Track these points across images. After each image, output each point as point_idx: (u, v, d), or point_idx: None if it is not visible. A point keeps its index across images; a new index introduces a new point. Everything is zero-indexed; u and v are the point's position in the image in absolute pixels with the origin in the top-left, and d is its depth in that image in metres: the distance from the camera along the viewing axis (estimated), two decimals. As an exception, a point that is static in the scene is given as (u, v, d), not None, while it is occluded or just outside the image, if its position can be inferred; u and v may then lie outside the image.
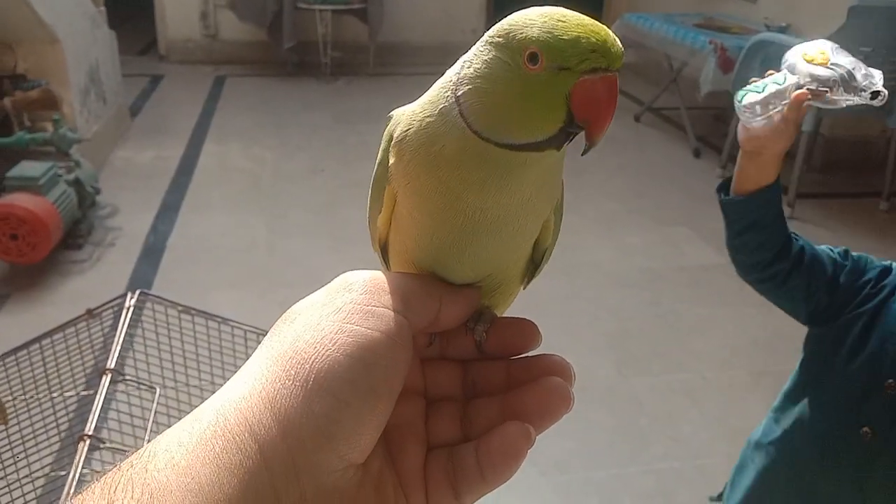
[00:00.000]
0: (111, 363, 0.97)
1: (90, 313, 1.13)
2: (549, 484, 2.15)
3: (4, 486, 1.14)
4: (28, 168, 2.88)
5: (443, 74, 0.38)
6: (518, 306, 0.44)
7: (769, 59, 4.00)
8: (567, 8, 0.35)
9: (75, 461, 0.82)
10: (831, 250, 1.14)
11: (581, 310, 2.89)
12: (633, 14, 5.12)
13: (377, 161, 0.40)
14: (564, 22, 0.33)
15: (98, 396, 0.91)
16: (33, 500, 1.10)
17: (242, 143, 4.43)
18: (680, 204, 3.87)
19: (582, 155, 0.37)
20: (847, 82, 1.02)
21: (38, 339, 1.15)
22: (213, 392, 0.96)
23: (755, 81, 1.09)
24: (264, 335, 1.00)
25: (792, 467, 1.13)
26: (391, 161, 0.38)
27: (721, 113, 5.00)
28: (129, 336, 1.10)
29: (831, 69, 1.03)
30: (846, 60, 1.04)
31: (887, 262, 1.11)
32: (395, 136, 0.38)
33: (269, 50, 5.84)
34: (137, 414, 1.03)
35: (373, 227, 0.42)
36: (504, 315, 0.41)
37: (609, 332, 2.80)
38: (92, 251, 3.13)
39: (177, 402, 1.10)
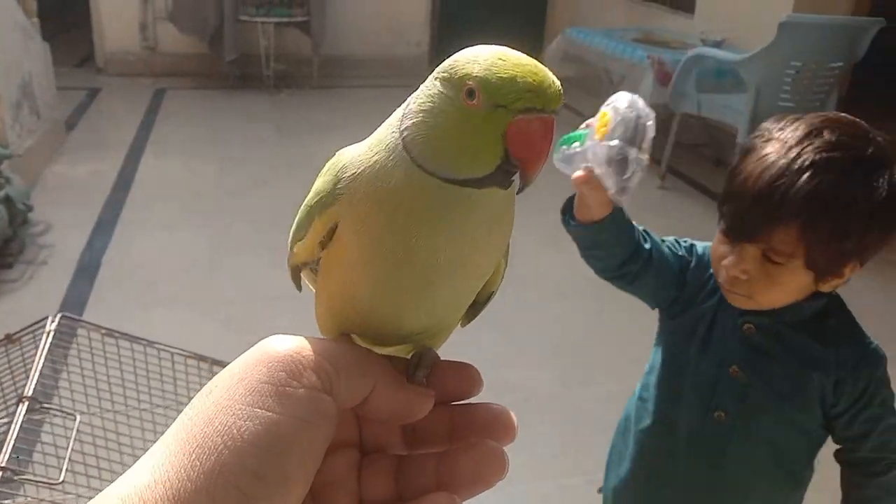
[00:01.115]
0: (29, 390, 0.94)
1: (9, 338, 1.09)
2: (494, 495, 2.13)
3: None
4: (-46, 185, 2.78)
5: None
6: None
7: (705, 72, 4.11)
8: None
9: (-13, 495, 0.79)
10: (678, 244, 1.19)
11: (525, 321, 2.90)
12: (574, 28, 5.20)
13: (315, 189, 0.39)
14: (504, 61, 0.34)
15: (14, 425, 0.88)
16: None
17: (183, 156, 4.36)
18: (621, 215, 3.93)
19: (517, 193, 0.37)
20: (618, 160, 0.99)
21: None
22: (140, 418, 0.93)
23: (583, 127, 1.06)
24: (192, 358, 0.98)
25: (664, 451, 1.20)
26: (340, 200, 0.37)
27: (659, 126, 5.10)
28: (51, 361, 1.06)
29: (604, 146, 1.00)
30: (626, 125, 1.00)
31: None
32: (346, 176, 0.37)
33: (210, 62, 5.76)
34: (61, 444, 0.99)
35: (290, 251, 0.41)
36: (444, 359, 0.40)
37: (553, 343, 2.82)
38: (24, 270, 3.03)
39: (102, 430, 1.07)
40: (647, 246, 1.15)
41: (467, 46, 0.36)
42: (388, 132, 0.37)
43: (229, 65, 5.53)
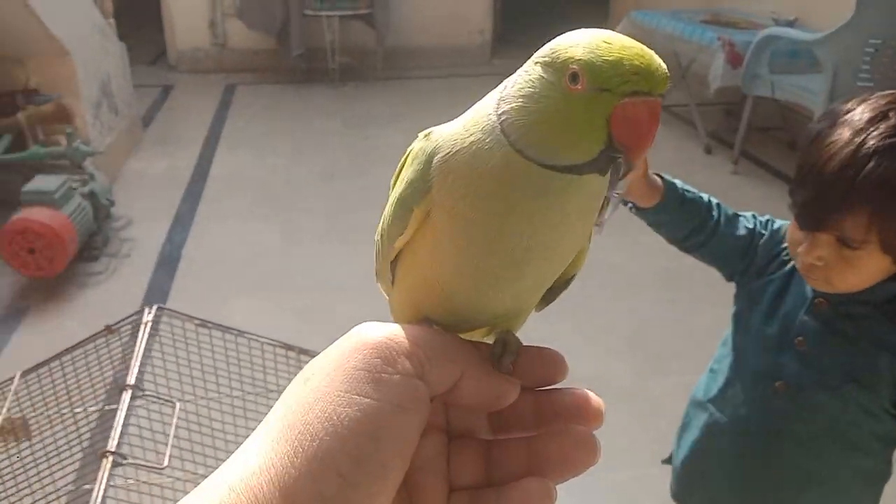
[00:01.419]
0: (131, 379, 0.98)
1: (109, 329, 1.14)
2: (567, 485, 2.14)
3: (29, 502, 1.16)
4: (43, 182, 2.91)
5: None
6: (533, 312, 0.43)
7: (778, 52, 3.98)
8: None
9: (99, 478, 0.83)
10: (753, 218, 1.23)
11: (598, 312, 2.88)
12: (639, 12, 5.10)
13: (405, 179, 0.38)
14: (609, 44, 0.33)
15: (119, 412, 0.92)
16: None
17: (254, 150, 4.45)
18: (693, 201, 3.85)
19: (619, 179, 0.36)
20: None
21: (58, 356, 1.16)
22: (232, 405, 0.96)
23: None
24: (281, 347, 1.01)
25: (729, 422, 1.20)
26: (434, 183, 0.36)
27: (732, 108, 4.98)
28: (147, 351, 1.11)
29: None
30: None
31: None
32: (439, 156, 0.36)
33: (277, 57, 5.86)
34: (158, 429, 1.03)
35: (387, 246, 0.40)
36: (528, 344, 0.40)
37: (626, 334, 2.80)
38: (108, 263, 3.15)
39: (196, 417, 1.11)
40: (714, 219, 1.20)
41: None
42: (483, 114, 0.36)
43: (296, 59, 5.62)
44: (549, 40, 0.36)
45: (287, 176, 4.13)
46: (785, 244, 1.15)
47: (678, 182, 1.22)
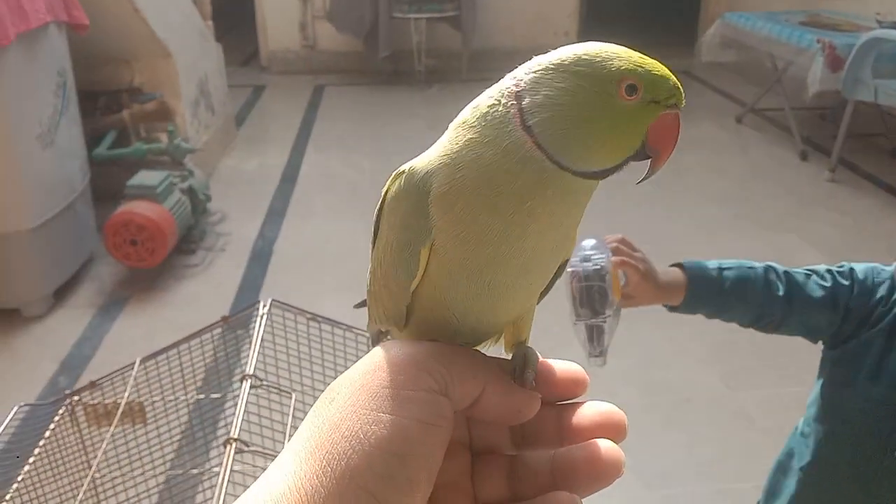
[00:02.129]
0: (250, 369, 1.02)
1: (225, 320, 1.18)
2: (653, 496, 2.11)
3: (143, 487, 1.21)
4: (146, 177, 3.04)
5: None
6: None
7: (883, 56, 3.82)
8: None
9: (224, 463, 0.87)
10: (830, 275, 1.09)
11: (686, 320, 2.81)
12: (733, 13, 4.98)
13: (398, 224, 0.38)
14: (646, 59, 0.36)
15: (241, 401, 0.96)
16: (172, 500, 1.17)
17: (342, 151, 4.55)
18: (787, 209, 3.73)
19: (637, 183, 0.39)
20: (594, 332, 1.06)
21: (176, 344, 1.22)
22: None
23: None
24: None
25: (826, 492, 1.09)
26: (435, 213, 0.36)
27: (829, 113, 4.80)
28: (261, 341, 1.15)
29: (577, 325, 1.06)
30: (586, 298, 1.05)
31: (889, 268, 1.07)
32: (437, 185, 0.36)
33: (364, 59, 5.97)
34: (277, 418, 1.07)
35: (400, 293, 0.40)
36: (549, 359, 0.40)
37: (714, 343, 2.73)
38: (204, 256, 3.27)
39: (308, 408, 1.14)
40: (782, 293, 1.07)
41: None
42: (494, 131, 0.35)
43: (383, 61, 5.71)
44: (632, 41, 0.38)
45: (373, 176, 4.20)
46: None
47: (711, 263, 1.11)
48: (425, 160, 0.37)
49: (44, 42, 2.77)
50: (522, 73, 0.36)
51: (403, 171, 0.38)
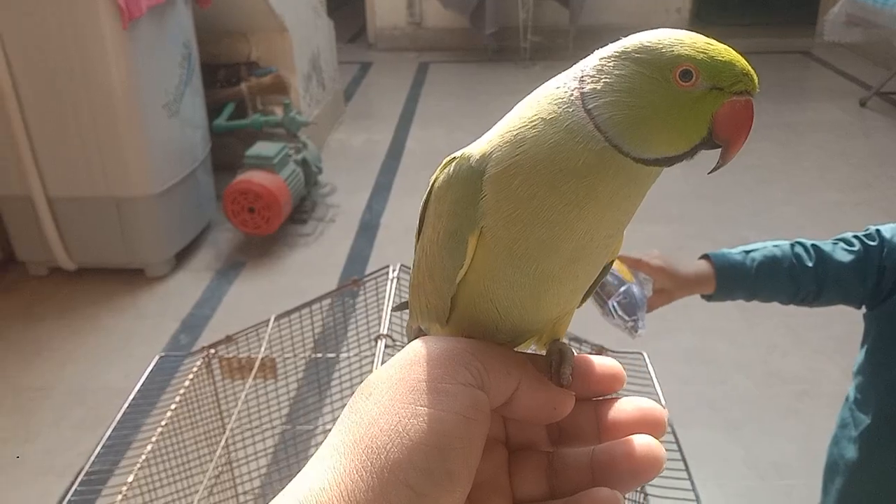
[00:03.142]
0: (384, 329, 1.04)
1: (356, 282, 1.21)
2: (767, 487, 2.05)
3: (271, 441, 1.26)
4: (264, 148, 3.14)
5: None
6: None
7: None
8: None
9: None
10: (857, 240, 1.11)
11: (806, 310, 2.70)
12: (863, -11, 4.69)
13: (448, 212, 0.38)
14: (713, 45, 0.35)
15: (377, 359, 0.98)
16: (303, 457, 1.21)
17: (445, 128, 4.57)
18: (915, 197, 3.52)
19: (709, 173, 0.38)
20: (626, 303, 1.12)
21: (309, 303, 1.25)
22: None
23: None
24: None
25: (888, 449, 1.08)
26: (486, 197, 0.36)
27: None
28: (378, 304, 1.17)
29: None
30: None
31: None
32: (493, 166, 0.36)
33: (469, 36, 5.95)
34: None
35: (446, 285, 0.39)
36: (585, 353, 0.39)
37: (837, 335, 2.61)
38: (315, 226, 3.36)
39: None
40: (812, 264, 1.11)
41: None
42: (558, 110, 0.35)
43: (488, 38, 5.68)
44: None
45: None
46: None
47: (735, 251, 1.15)
48: (479, 145, 0.37)
49: (171, 15, 2.89)
50: (588, 61, 0.36)
51: (455, 158, 0.38)
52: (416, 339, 0.37)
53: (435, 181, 0.39)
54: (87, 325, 2.72)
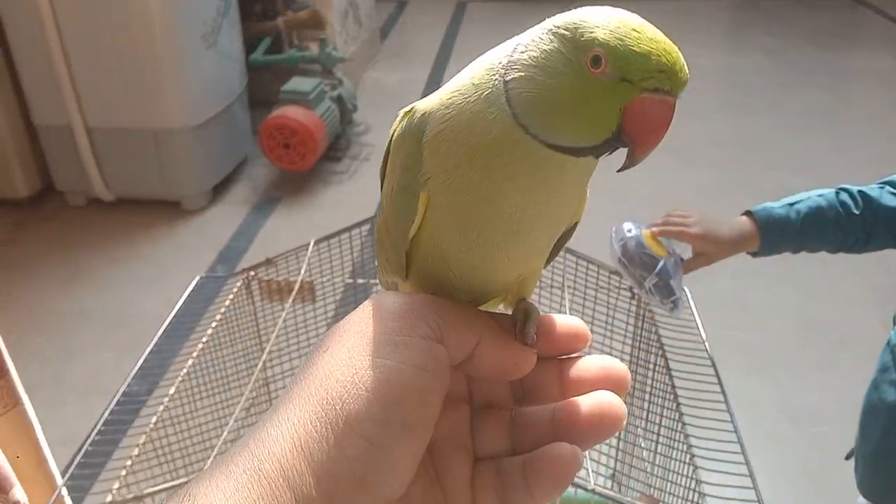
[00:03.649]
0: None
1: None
2: (799, 432, 2.04)
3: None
4: (300, 83, 3.11)
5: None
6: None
7: None
8: None
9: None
10: None
11: (843, 258, 2.65)
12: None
13: (400, 165, 0.37)
14: (639, 33, 0.31)
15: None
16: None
17: (483, 68, 4.49)
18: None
19: (618, 171, 0.36)
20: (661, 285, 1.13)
21: (348, 228, 1.25)
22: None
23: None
24: (605, 271, 1.01)
25: None
26: (427, 157, 0.35)
27: None
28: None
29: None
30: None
31: None
32: (430, 128, 0.34)
33: (510, -24, 5.81)
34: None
35: (401, 238, 0.38)
36: (550, 313, 0.38)
37: (874, 286, 2.56)
38: (349, 165, 3.36)
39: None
40: (859, 211, 1.09)
41: None
42: (486, 77, 0.33)
43: (528, -23, 5.55)
44: None
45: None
46: None
47: (778, 205, 1.13)
48: (430, 99, 0.36)
49: (210, -56, 2.85)
50: (534, 30, 0.34)
51: (409, 111, 0.37)
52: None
53: (394, 132, 0.38)
54: (125, 255, 2.76)
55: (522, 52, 0.33)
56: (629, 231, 1.16)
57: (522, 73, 0.32)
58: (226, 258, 2.71)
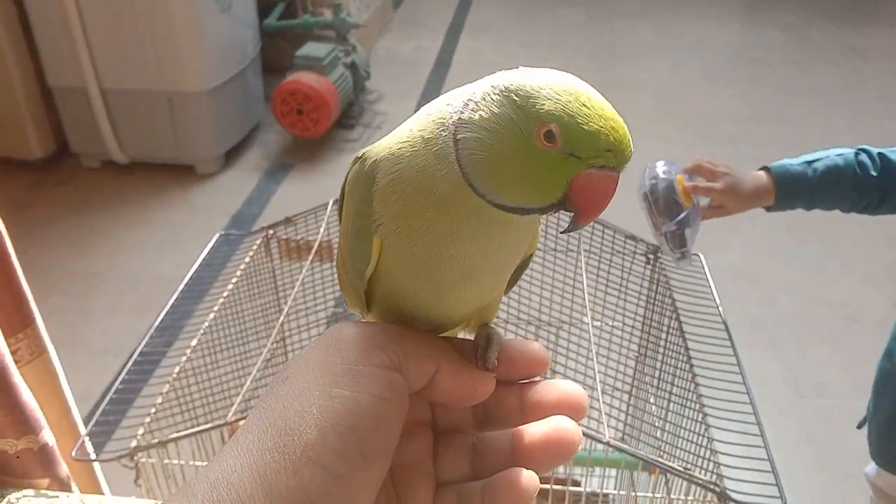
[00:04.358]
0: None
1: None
2: (805, 405, 2.06)
3: (325, 321, 1.29)
4: (314, 48, 3.11)
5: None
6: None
7: None
8: None
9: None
10: None
11: (854, 235, 2.65)
12: None
13: (353, 211, 0.37)
14: (588, 109, 0.32)
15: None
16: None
17: (495, 38, 4.46)
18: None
19: (562, 233, 0.39)
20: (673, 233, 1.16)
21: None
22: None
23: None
24: (631, 239, 1.02)
25: None
26: (378, 205, 0.35)
27: None
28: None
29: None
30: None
31: None
32: (380, 177, 0.35)
33: (524, -54, 5.74)
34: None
35: (357, 279, 0.39)
36: (511, 338, 0.39)
37: (884, 263, 2.57)
38: (361, 132, 3.35)
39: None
40: (876, 172, 1.09)
41: None
42: (436, 132, 0.34)
43: (543, -52, 5.48)
44: None
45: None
46: None
47: (797, 162, 1.14)
48: (381, 145, 0.36)
49: None
50: (484, 83, 0.34)
51: (360, 157, 0.37)
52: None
53: (348, 174, 0.39)
54: (139, 217, 2.78)
55: (474, 112, 0.33)
56: (664, 173, 1.17)
57: (473, 135, 0.33)
58: (238, 223, 2.73)
